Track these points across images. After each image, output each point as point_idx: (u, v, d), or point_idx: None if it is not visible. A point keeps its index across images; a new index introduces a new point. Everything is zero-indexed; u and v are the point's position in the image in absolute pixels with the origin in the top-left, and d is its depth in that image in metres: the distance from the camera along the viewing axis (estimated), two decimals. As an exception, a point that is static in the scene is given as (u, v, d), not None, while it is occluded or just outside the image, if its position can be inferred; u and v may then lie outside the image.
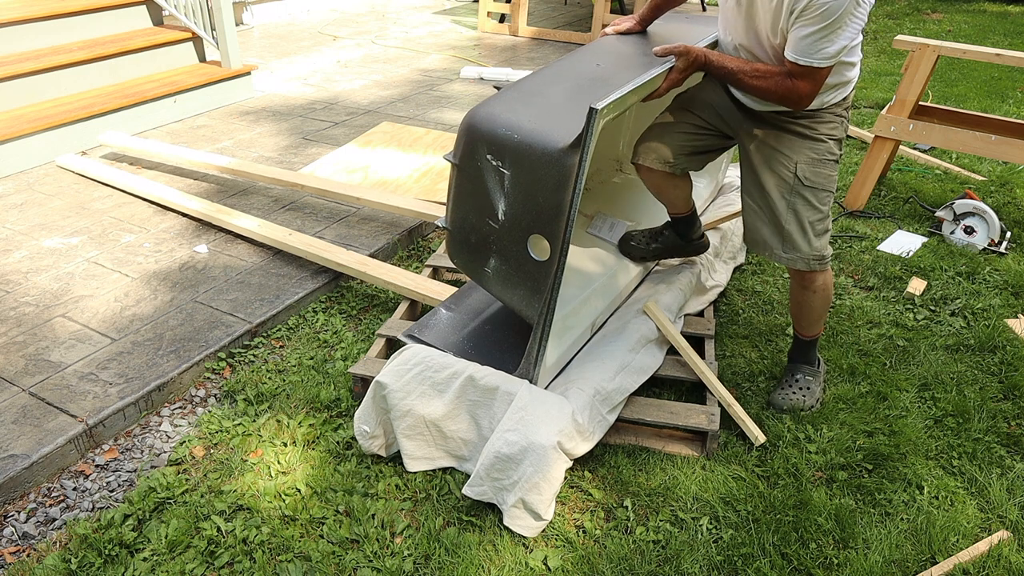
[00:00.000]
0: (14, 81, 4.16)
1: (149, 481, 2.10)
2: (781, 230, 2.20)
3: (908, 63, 3.52)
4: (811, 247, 2.21)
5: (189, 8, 4.91)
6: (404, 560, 1.88)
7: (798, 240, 2.20)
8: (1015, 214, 3.66)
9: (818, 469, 2.17)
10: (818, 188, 2.16)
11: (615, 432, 2.23)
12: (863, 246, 3.39)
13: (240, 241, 3.30)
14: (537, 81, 2.24)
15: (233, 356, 2.65)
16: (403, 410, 2.10)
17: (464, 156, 2.04)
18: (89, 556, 1.88)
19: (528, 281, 2.05)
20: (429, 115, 4.92)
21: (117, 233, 3.36)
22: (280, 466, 2.18)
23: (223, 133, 4.56)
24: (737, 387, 2.49)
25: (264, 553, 1.91)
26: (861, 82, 5.80)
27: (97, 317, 2.76)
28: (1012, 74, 6.03)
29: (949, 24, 7.98)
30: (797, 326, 2.42)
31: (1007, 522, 2.01)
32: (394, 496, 2.08)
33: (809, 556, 1.90)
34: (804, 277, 2.28)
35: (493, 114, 2.00)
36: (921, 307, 2.94)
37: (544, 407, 2.05)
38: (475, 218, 2.10)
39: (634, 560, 1.89)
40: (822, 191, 2.17)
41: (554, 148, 1.87)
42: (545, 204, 1.93)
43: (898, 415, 2.37)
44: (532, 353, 2.10)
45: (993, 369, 2.60)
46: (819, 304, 2.33)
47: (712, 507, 2.04)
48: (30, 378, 2.43)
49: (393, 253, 3.36)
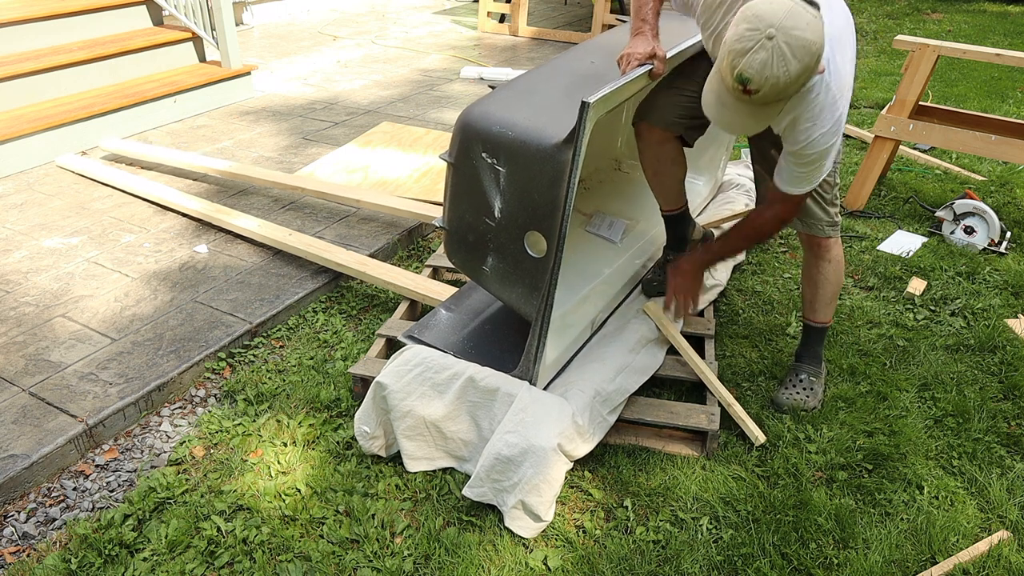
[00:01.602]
0: (14, 81, 4.16)
1: (149, 481, 2.10)
2: None
3: (908, 63, 3.52)
4: (826, 213, 2.25)
5: (189, 8, 4.91)
6: (404, 560, 1.88)
7: (812, 207, 2.24)
8: (1015, 214, 3.66)
9: (818, 469, 2.17)
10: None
11: (615, 432, 2.23)
12: (863, 246, 3.39)
13: (240, 241, 3.30)
14: (531, 79, 2.25)
15: (233, 356, 2.65)
16: (403, 411, 2.10)
17: (459, 155, 2.05)
18: (89, 556, 1.88)
19: (526, 278, 2.06)
20: (429, 115, 4.92)
21: (117, 233, 3.36)
22: (280, 466, 2.18)
23: (223, 133, 4.56)
24: (737, 387, 2.49)
25: (264, 553, 1.91)
26: (861, 82, 5.80)
27: (97, 317, 2.76)
28: (1012, 74, 6.03)
29: (949, 24, 7.98)
30: (810, 311, 2.42)
31: (1007, 522, 2.01)
32: (394, 496, 2.08)
33: (809, 556, 1.90)
34: (821, 246, 2.31)
35: (487, 112, 2.01)
36: (921, 307, 2.94)
37: (544, 409, 2.05)
38: (472, 217, 2.10)
39: (634, 560, 1.89)
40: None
41: (548, 144, 1.88)
42: (541, 200, 1.93)
43: (898, 415, 2.37)
44: (531, 350, 2.10)
45: (993, 369, 2.60)
46: (834, 278, 2.35)
47: (712, 507, 2.04)
48: (30, 378, 2.43)
49: (393, 253, 3.36)
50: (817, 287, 2.38)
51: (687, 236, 2.58)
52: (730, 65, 1.64)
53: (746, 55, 1.60)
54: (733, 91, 1.69)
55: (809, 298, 2.41)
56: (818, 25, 1.60)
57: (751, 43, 1.59)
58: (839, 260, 2.35)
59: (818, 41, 1.60)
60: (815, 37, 1.59)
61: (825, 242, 2.30)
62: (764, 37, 1.58)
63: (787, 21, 1.57)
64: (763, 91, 1.64)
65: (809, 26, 1.59)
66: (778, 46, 1.58)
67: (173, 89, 4.67)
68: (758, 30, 1.58)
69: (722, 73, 1.70)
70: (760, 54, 1.59)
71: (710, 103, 1.79)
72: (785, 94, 1.68)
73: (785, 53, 1.58)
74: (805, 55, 1.59)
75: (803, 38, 1.58)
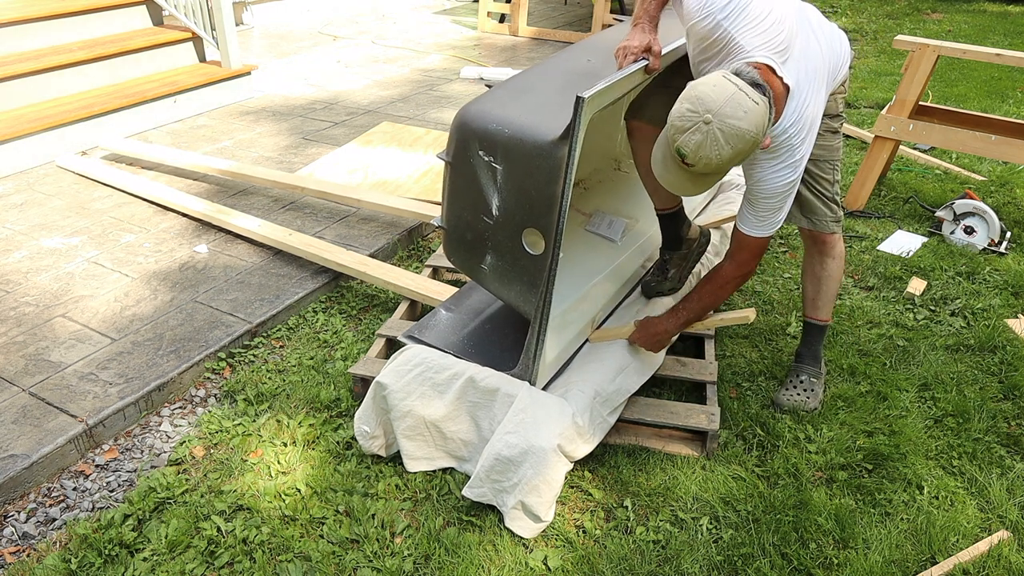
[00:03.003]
0: (14, 81, 4.16)
1: (149, 481, 2.10)
2: (798, 196, 2.25)
3: (908, 63, 3.52)
4: (830, 209, 2.30)
5: (189, 8, 4.91)
6: (404, 560, 1.88)
7: (817, 204, 2.28)
8: (1015, 214, 3.66)
9: (818, 469, 2.17)
10: (819, 160, 2.22)
11: (615, 432, 2.23)
12: (863, 246, 3.39)
13: (240, 241, 3.30)
14: (528, 77, 2.25)
15: (233, 356, 2.65)
16: (403, 411, 2.10)
17: (457, 153, 2.05)
18: (89, 556, 1.88)
19: (524, 276, 2.06)
20: (429, 115, 4.92)
21: (117, 233, 3.36)
22: (280, 466, 2.18)
23: (223, 133, 4.56)
24: (737, 387, 2.49)
25: (264, 553, 1.91)
26: (861, 82, 5.80)
27: (97, 317, 2.76)
28: (1012, 74, 6.03)
29: (949, 24, 7.98)
30: (812, 308, 2.44)
31: (1007, 522, 2.01)
32: (394, 496, 2.08)
33: (809, 556, 1.90)
34: (826, 243, 2.34)
35: (484, 110, 2.01)
36: (921, 307, 2.94)
37: (544, 409, 2.05)
38: (470, 215, 2.10)
39: (634, 560, 1.89)
40: (824, 161, 2.24)
41: (544, 141, 1.88)
42: (538, 197, 1.94)
43: (898, 415, 2.37)
44: (531, 348, 2.10)
45: (993, 369, 2.60)
46: (837, 274, 2.39)
47: (712, 507, 2.04)
48: (30, 378, 2.43)
49: (393, 253, 3.36)
50: (821, 284, 2.39)
51: (682, 235, 2.58)
52: (671, 138, 1.72)
53: (684, 133, 1.68)
54: (674, 159, 1.76)
55: (812, 296, 2.42)
56: (757, 113, 1.66)
57: (689, 123, 1.66)
58: (842, 256, 2.38)
59: (753, 130, 1.66)
60: (750, 126, 1.65)
61: (830, 238, 2.34)
62: (701, 121, 1.65)
63: (725, 108, 1.63)
64: (698, 167, 1.72)
65: (748, 115, 1.64)
66: (712, 131, 1.64)
67: (173, 89, 4.67)
68: (697, 112, 1.65)
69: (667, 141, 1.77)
70: (696, 136, 1.66)
71: (657, 161, 1.85)
72: (721, 171, 1.75)
73: (719, 138, 1.64)
74: (739, 142, 1.66)
75: (737, 127, 1.64)
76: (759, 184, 1.97)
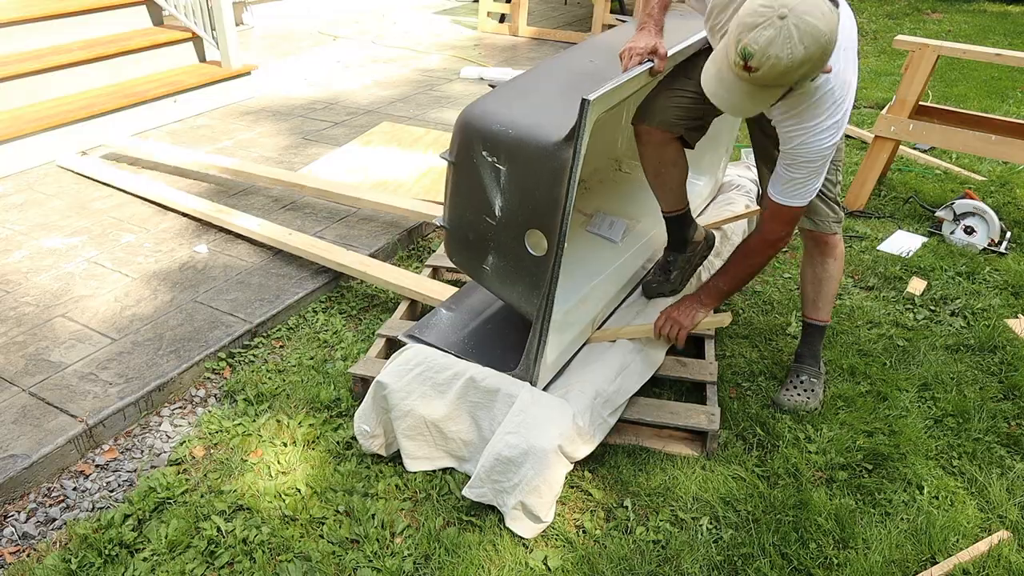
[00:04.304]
0: (14, 81, 4.16)
1: (149, 481, 2.10)
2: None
3: (908, 63, 3.52)
4: (832, 210, 2.29)
5: (189, 8, 4.91)
6: (404, 560, 1.88)
7: (819, 204, 2.26)
8: (1015, 214, 3.66)
9: (818, 469, 2.17)
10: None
11: (615, 432, 2.23)
12: (863, 246, 3.39)
13: (240, 241, 3.30)
14: (531, 78, 2.25)
15: (233, 356, 2.65)
16: (404, 410, 2.10)
17: (460, 154, 2.05)
18: (89, 556, 1.88)
19: (526, 277, 2.06)
20: (429, 115, 4.92)
21: (117, 233, 3.36)
22: (280, 466, 2.18)
23: (223, 133, 4.56)
24: (737, 387, 2.49)
25: (264, 553, 1.91)
26: (861, 82, 5.78)
27: (97, 317, 2.76)
28: (1012, 74, 6.03)
29: (949, 24, 7.98)
30: (812, 309, 2.43)
31: (1007, 522, 2.01)
32: (394, 496, 2.08)
33: (809, 556, 1.90)
34: (827, 243, 2.34)
35: (488, 111, 2.01)
36: (921, 307, 2.94)
37: (545, 410, 2.05)
38: (472, 215, 2.10)
39: (634, 560, 1.89)
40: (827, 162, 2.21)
41: (549, 142, 1.88)
42: (541, 199, 1.93)
43: (898, 415, 2.37)
44: (532, 349, 2.10)
45: (993, 369, 2.60)
46: (837, 274, 2.39)
47: (712, 507, 2.04)
48: (30, 378, 2.43)
49: (393, 253, 3.36)
50: (821, 284, 2.39)
51: (688, 237, 2.58)
52: (736, 38, 1.63)
53: (753, 30, 1.58)
54: (734, 66, 1.66)
55: (812, 296, 2.42)
56: (832, 19, 1.59)
57: (761, 19, 1.58)
58: (842, 256, 2.39)
59: (828, 33, 1.58)
60: (827, 28, 1.57)
61: (831, 238, 2.33)
62: (776, 16, 1.56)
63: (802, 5, 1.56)
64: (762, 70, 1.62)
65: (824, 16, 1.57)
66: (787, 27, 1.56)
67: (173, 89, 4.67)
68: (771, 7, 1.57)
69: (728, 47, 1.68)
70: (768, 31, 1.57)
71: (709, 76, 1.77)
72: (784, 80, 1.65)
73: (792, 36, 1.56)
74: (812, 43, 1.57)
75: (814, 25, 1.56)
76: (801, 147, 1.91)
